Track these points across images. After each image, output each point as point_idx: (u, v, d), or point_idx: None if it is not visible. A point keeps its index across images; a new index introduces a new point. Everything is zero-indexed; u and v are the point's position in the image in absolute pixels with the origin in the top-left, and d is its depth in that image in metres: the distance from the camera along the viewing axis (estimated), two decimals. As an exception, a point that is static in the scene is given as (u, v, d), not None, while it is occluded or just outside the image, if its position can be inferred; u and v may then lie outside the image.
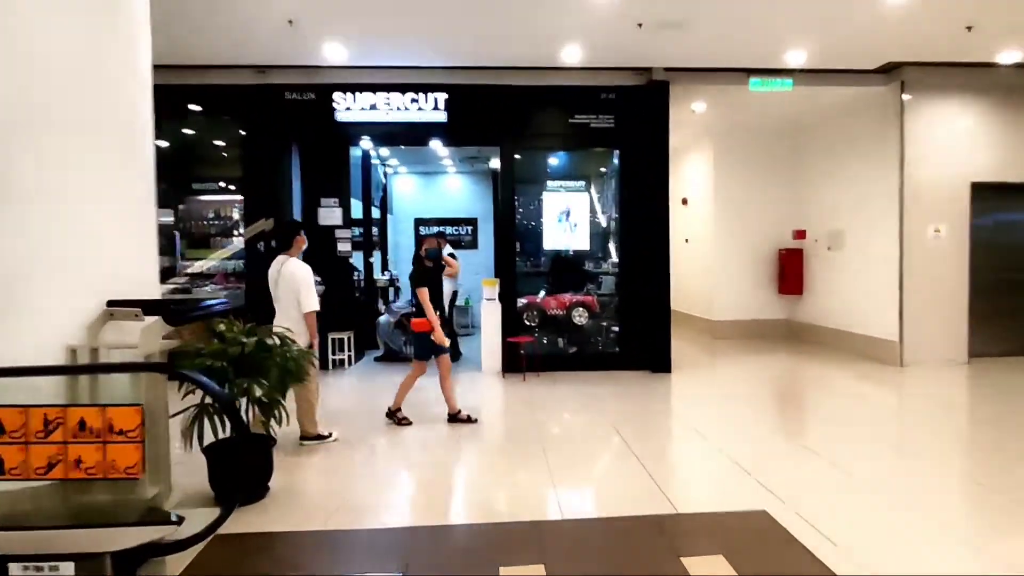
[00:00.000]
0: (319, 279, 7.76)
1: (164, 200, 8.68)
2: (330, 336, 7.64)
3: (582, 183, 7.41)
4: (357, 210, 9.07)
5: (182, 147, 7.99)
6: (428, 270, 5.18)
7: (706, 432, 4.98)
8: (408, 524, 3.39)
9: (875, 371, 7.24)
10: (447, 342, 5.22)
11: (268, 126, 7.05)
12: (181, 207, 9.01)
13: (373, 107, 7.01)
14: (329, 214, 7.88)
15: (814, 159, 9.43)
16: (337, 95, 6.99)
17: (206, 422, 3.28)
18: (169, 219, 8.53)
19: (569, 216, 7.32)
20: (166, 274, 8.55)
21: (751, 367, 7.85)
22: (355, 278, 8.71)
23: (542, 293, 7.74)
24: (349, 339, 7.75)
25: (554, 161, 7.73)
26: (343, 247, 7.90)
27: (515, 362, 7.09)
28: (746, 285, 9.88)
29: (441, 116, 7.06)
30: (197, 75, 6.91)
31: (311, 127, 7.16)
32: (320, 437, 4.79)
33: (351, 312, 8.04)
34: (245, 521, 3.29)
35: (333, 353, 7.68)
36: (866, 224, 8.07)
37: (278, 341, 3.74)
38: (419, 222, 12.20)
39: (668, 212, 7.16)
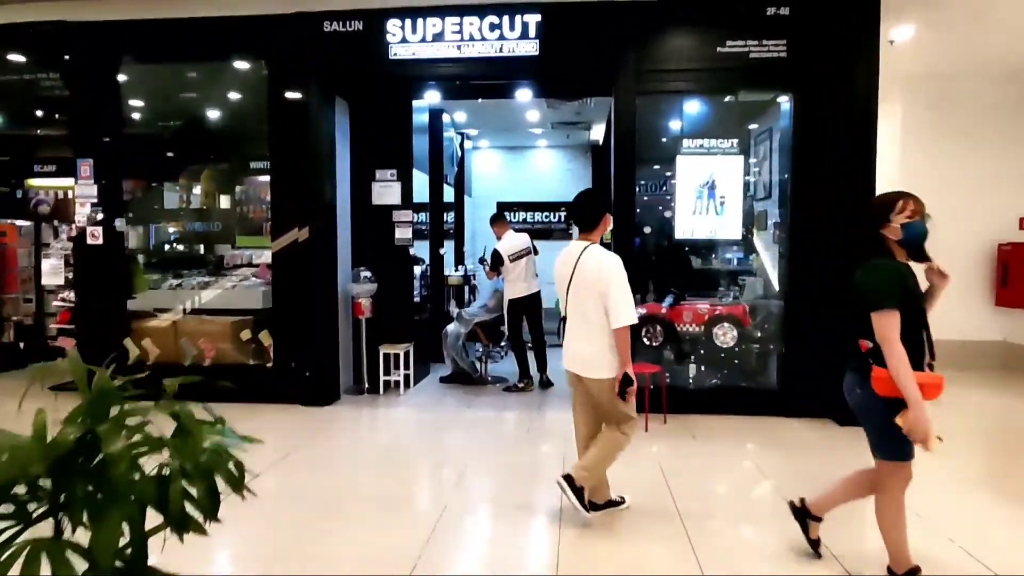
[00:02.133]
0: (369, 275, 6.01)
1: (226, 180, 7.33)
2: (381, 351, 5.83)
3: (734, 143, 5.10)
4: (423, 189, 7.20)
5: (237, 114, 6.42)
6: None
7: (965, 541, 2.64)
8: None
9: None
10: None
11: (301, 72, 5.28)
12: (239, 189, 7.58)
13: (438, 37, 5.06)
14: (385, 191, 6.06)
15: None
16: (392, 23, 5.10)
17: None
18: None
19: (714, 190, 5.05)
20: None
21: (968, 411, 5.28)
22: (420, 274, 6.86)
23: (668, 300, 5.51)
24: (407, 354, 5.91)
25: (693, 109, 5.45)
26: (402, 233, 6.05)
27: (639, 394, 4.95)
28: (948, 294, 7.12)
29: (532, 47, 5.00)
30: (203, 3, 5.26)
31: (359, 71, 5.33)
32: (612, 503, 3.26)
33: (410, 318, 6.20)
34: None
35: (386, 372, 5.87)
36: None
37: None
38: (502, 207, 10.25)
39: (873, 187, 4.73)
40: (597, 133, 8.75)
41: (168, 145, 9.68)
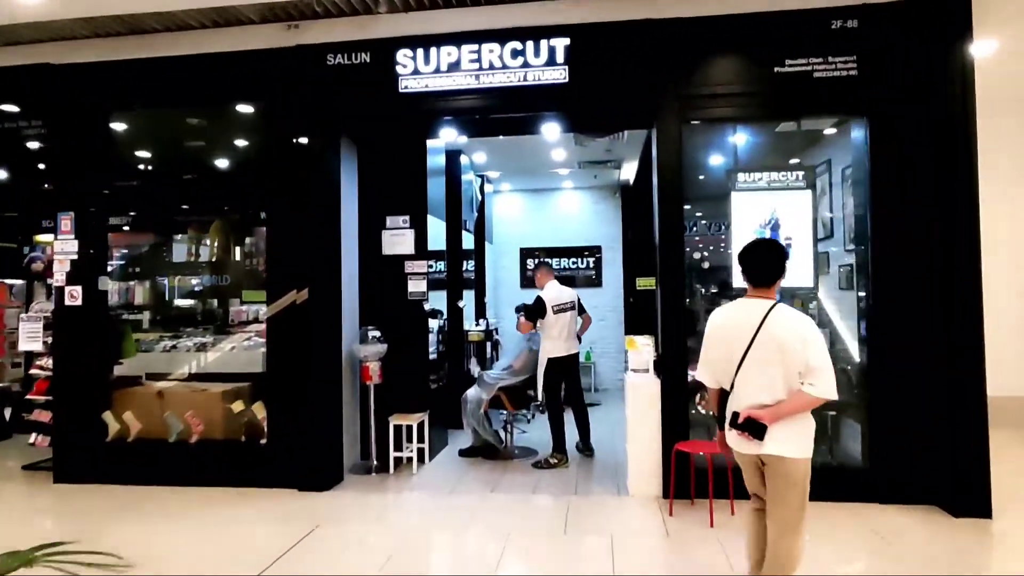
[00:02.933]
0: (378, 334, 5.32)
1: (236, 232, 6.83)
2: (392, 422, 5.07)
3: (800, 175, 4.37)
4: (440, 236, 6.58)
5: (243, 161, 5.94)
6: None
7: None
8: None
9: None
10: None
11: (303, 111, 4.73)
12: (248, 241, 7.09)
13: (454, 67, 4.49)
14: (397, 239, 5.42)
15: None
16: (402, 54, 4.55)
17: None
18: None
19: (777, 231, 4.29)
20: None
21: None
22: (436, 328, 6.16)
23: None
24: (421, 425, 5.14)
25: (745, 139, 4.75)
26: (416, 287, 5.38)
27: (686, 479, 4.10)
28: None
29: (560, 75, 4.38)
30: (192, 40, 4.79)
31: (367, 108, 4.77)
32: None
33: (424, 383, 5.45)
34: None
35: (397, 447, 5.09)
36: None
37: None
38: (526, 253, 9.59)
39: (977, 228, 3.93)
40: (628, 172, 8.10)
41: (165, 196, 9.33)
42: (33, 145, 5.52)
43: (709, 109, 4.39)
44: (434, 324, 6.02)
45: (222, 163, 8.03)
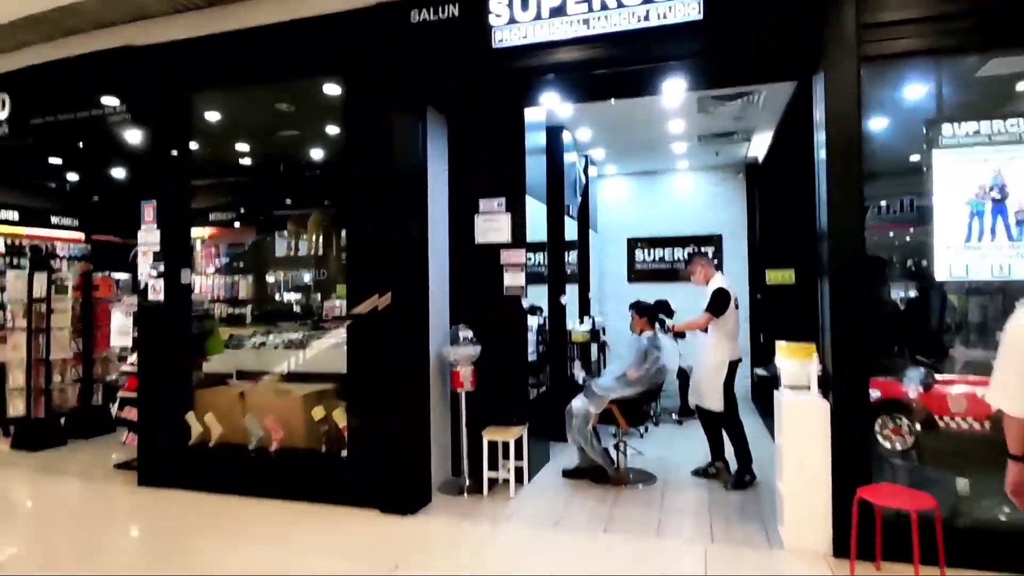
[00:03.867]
0: (470, 335, 4.65)
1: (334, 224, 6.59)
2: (486, 438, 4.38)
3: (1039, 124, 3.17)
4: (540, 224, 5.81)
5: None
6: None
7: None
8: None
9: None
10: None
11: (384, 80, 4.13)
12: (344, 234, 6.85)
13: (558, 12, 3.68)
14: (491, 226, 4.73)
15: None
16: (496, 1, 3.81)
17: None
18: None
19: (1003, 203, 3.12)
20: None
21: None
22: (536, 327, 5.42)
23: (916, 376, 3.55)
24: (519, 442, 4.42)
25: (943, 81, 3.57)
26: (513, 279, 4.66)
27: (869, 533, 3.06)
28: None
29: (693, 9, 3.45)
30: (268, 9, 4.31)
31: (456, 70, 4.09)
32: None
33: (524, 391, 4.73)
34: None
35: (491, 466, 4.40)
36: None
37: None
38: (634, 243, 8.62)
39: None
40: (757, 147, 6.92)
41: (259, 190, 9.29)
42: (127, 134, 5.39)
43: (898, 40, 3.28)
44: (533, 322, 5.29)
45: (316, 153, 7.80)
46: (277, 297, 9.21)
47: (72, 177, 9.53)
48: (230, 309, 8.71)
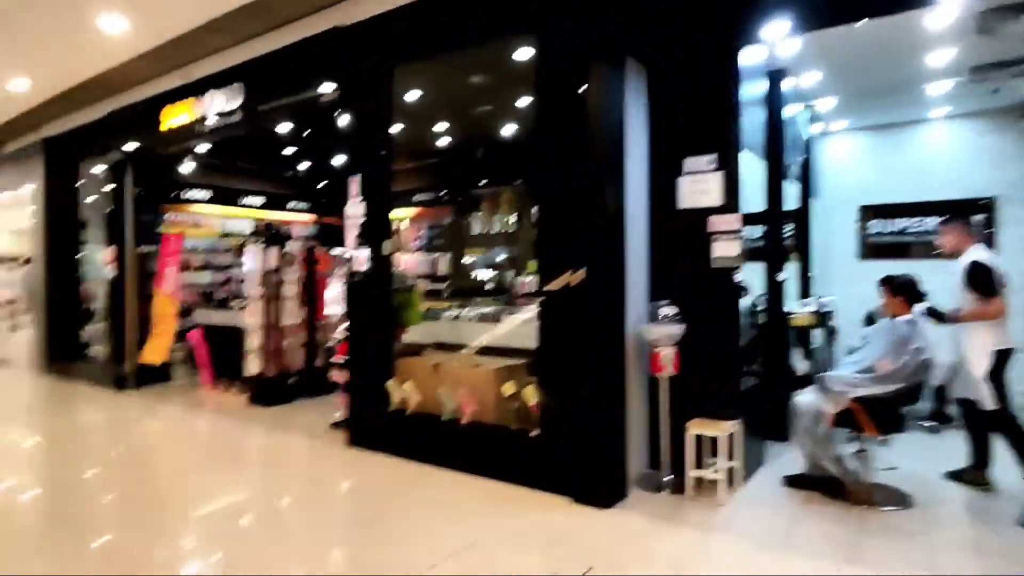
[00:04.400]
0: (673, 312, 4.10)
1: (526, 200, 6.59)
2: (690, 431, 3.83)
3: None
4: (754, 189, 4.99)
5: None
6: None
7: None
8: None
9: None
10: None
11: (578, 31, 3.73)
12: (535, 210, 6.86)
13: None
14: (698, 188, 4.11)
15: None
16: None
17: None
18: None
19: None
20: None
21: None
22: (746, 310, 4.68)
23: None
24: (731, 439, 3.80)
25: None
26: (724, 250, 4.00)
27: None
28: None
29: None
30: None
31: (658, 14, 3.54)
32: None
33: (735, 379, 4.06)
34: None
35: (697, 465, 3.84)
36: None
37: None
38: (868, 212, 7.21)
39: None
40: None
41: (456, 168, 9.52)
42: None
43: None
44: (743, 303, 4.55)
45: (509, 128, 7.75)
46: (472, 274, 9.54)
47: (302, 166, 10.75)
48: (430, 284, 9.20)
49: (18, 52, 5.78)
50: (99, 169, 7.92)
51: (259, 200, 11.10)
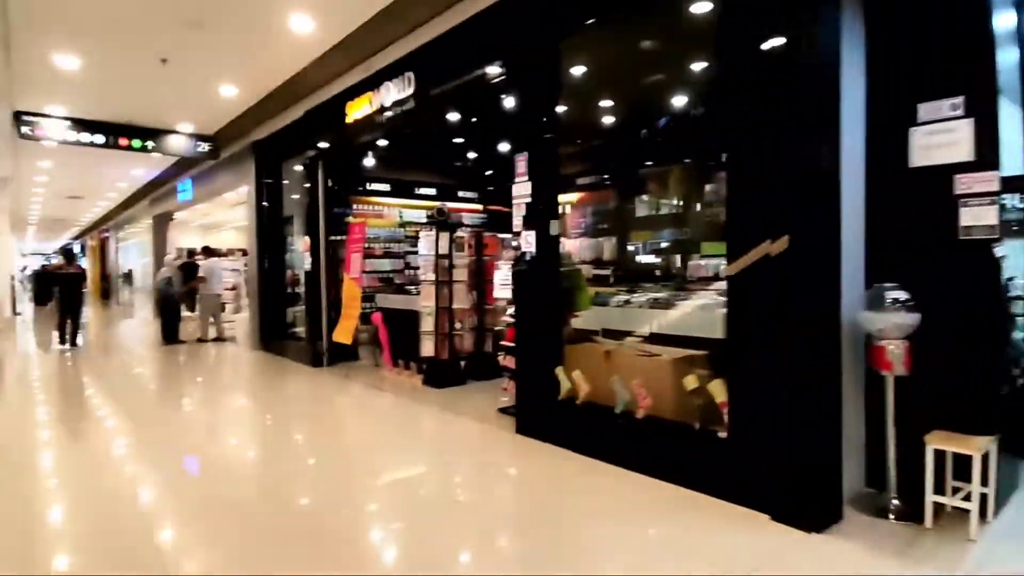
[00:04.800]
0: (902, 296, 3.32)
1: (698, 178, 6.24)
2: (930, 447, 3.07)
3: None
4: (1016, 139, 3.92)
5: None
6: None
7: None
8: None
9: None
10: None
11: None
12: (708, 188, 6.38)
13: None
14: (938, 140, 3.27)
15: None
16: None
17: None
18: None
19: None
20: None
21: None
22: (1007, 295, 3.69)
23: None
24: (987, 458, 2.98)
25: None
26: (975, 217, 3.15)
27: None
28: None
29: None
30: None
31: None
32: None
33: (993, 383, 3.18)
34: None
35: (937, 487, 3.07)
36: None
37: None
38: None
39: None
40: None
41: (623, 149, 9.01)
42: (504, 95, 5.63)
43: None
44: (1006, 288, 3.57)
45: (678, 100, 7.11)
46: (638, 258, 9.03)
47: (470, 154, 11.02)
48: (595, 270, 8.88)
49: (224, 62, 6.52)
50: (298, 168, 8.77)
51: (431, 191, 11.66)
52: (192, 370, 8.64)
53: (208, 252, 11.25)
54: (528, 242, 4.69)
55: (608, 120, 8.21)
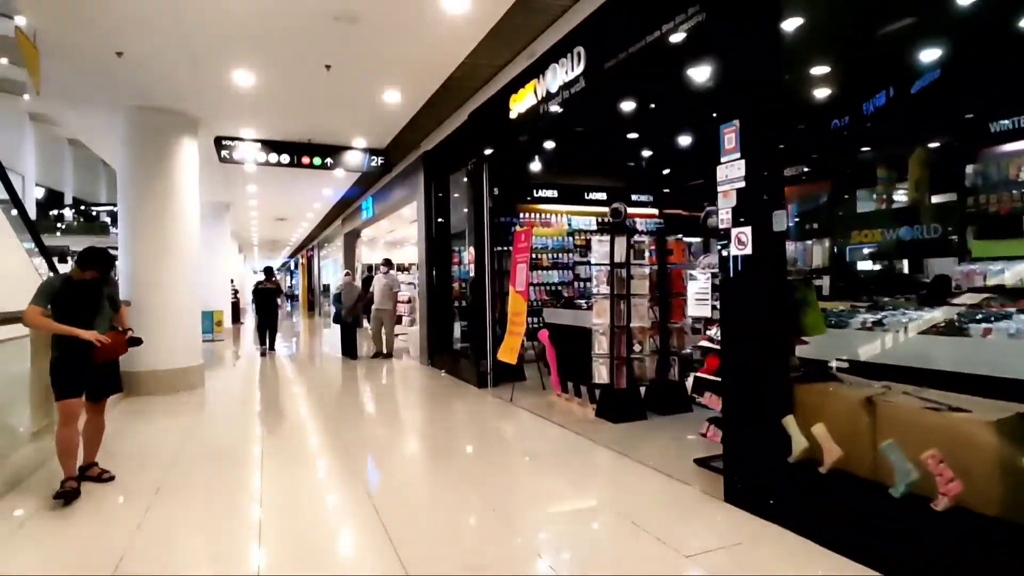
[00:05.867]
0: None
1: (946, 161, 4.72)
2: None
3: None
4: None
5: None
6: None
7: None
8: None
9: None
10: None
11: None
12: (971, 170, 4.67)
13: None
14: None
15: None
16: None
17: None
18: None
19: None
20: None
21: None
22: None
23: None
24: None
25: None
26: None
27: None
28: None
29: None
30: None
31: None
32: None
33: None
34: None
35: None
36: None
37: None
38: None
39: None
40: None
41: (833, 125, 7.14)
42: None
43: None
44: None
45: (929, 55, 5.29)
46: (861, 264, 7.13)
47: (645, 152, 9.83)
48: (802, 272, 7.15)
49: (384, 58, 6.13)
50: (464, 180, 8.33)
51: (602, 195, 10.68)
52: (345, 391, 8.49)
53: (388, 266, 11.39)
54: (742, 241, 3.43)
55: (822, 92, 6.50)
